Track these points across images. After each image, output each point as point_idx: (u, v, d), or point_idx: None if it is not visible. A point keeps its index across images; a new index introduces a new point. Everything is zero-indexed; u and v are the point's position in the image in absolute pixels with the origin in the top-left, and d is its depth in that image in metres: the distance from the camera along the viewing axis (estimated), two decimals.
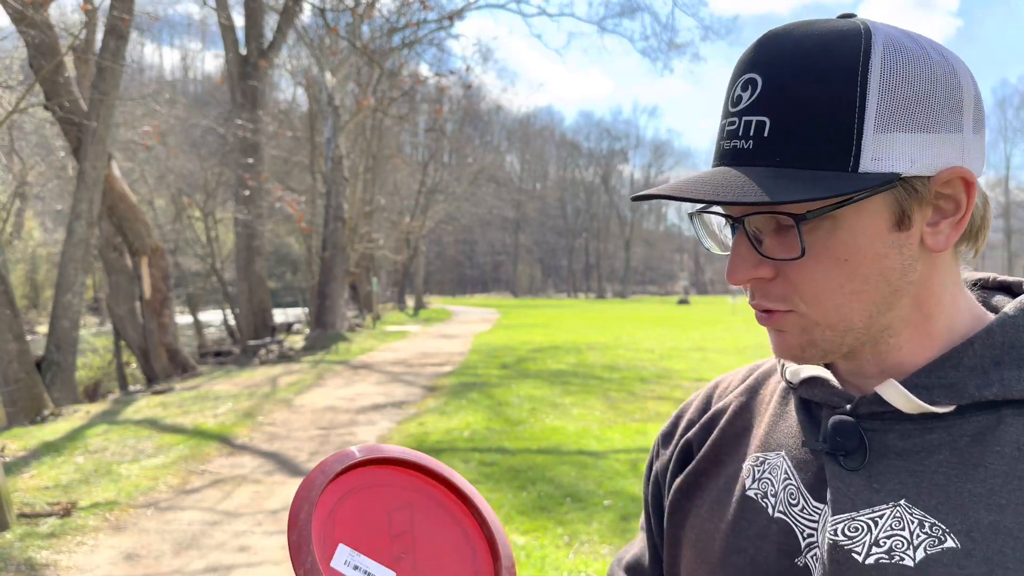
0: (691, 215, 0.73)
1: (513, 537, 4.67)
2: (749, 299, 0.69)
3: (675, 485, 0.83)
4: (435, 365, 13.83)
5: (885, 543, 0.63)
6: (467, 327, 25.32)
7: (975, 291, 0.75)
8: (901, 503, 0.64)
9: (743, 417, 0.82)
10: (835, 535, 0.65)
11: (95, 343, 21.84)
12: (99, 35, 12.30)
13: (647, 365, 13.34)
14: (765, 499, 0.73)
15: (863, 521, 0.65)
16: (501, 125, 70.32)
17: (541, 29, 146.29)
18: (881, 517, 0.64)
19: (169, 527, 5.14)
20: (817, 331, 0.67)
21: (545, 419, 8.34)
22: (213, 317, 31.10)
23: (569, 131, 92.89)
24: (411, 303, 39.78)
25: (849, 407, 0.69)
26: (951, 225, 0.65)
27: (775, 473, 0.74)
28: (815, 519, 0.68)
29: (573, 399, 9.69)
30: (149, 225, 14.59)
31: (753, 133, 0.64)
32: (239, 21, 20.42)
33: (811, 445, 0.71)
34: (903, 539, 0.63)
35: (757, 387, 0.84)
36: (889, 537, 0.63)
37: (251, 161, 18.95)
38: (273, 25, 19.95)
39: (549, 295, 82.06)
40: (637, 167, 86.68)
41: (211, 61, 71.39)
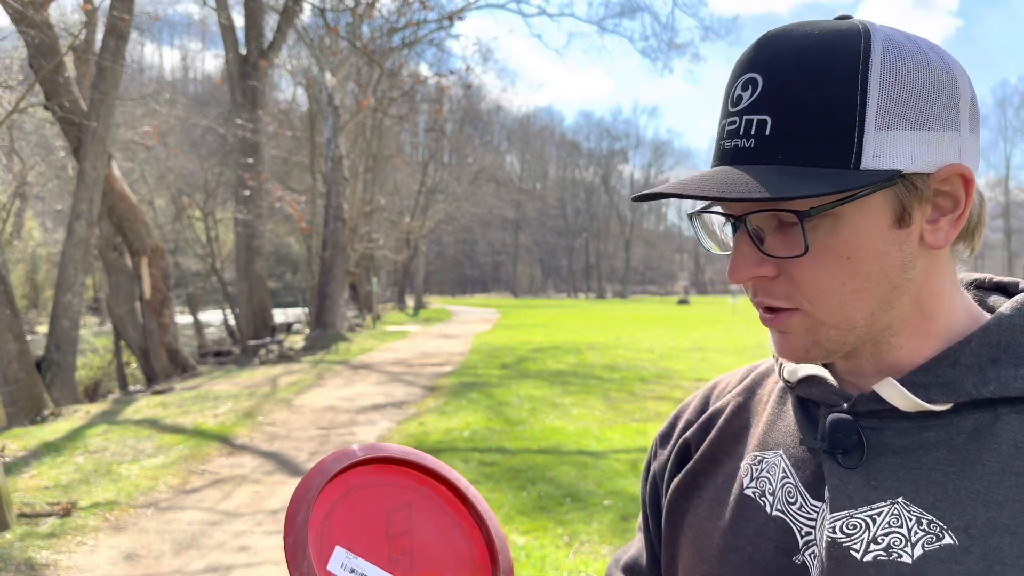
0: (691, 215, 0.73)
1: (513, 537, 4.67)
2: (752, 296, 0.69)
3: (673, 485, 0.83)
4: (435, 365, 13.83)
5: (883, 540, 0.63)
6: (467, 327, 25.32)
7: (971, 291, 0.75)
8: (899, 500, 0.64)
9: (741, 417, 0.82)
10: (833, 533, 0.65)
11: (95, 343, 21.85)
12: (99, 35, 12.31)
13: (647, 365, 13.34)
14: (763, 497, 0.73)
15: (861, 519, 0.65)
16: (501, 125, 70.30)
17: (541, 29, 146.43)
18: (879, 514, 0.65)
19: (169, 527, 5.14)
20: (821, 331, 0.67)
21: (545, 419, 8.34)
22: (213, 317, 31.10)
23: (569, 131, 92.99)
24: (411, 303, 39.79)
25: (847, 405, 0.69)
26: (950, 222, 0.66)
27: (773, 472, 0.74)
28: (813, 517, 0.68)
29: (573, 399, 9.69)
30: (149, 225, 14.59)
31: (755, 132, 0.64)
32: (239, 21, 20.44)
33: (809, 443, 0.71)
34: (901, 536, 0.63)
35: (755, 387, 0.84)
36: (887, 534, 0.63)
37: (251, 161, 18.95)
38: (273, 25, 19.96)
39: (549, 295, 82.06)
40: (637, 167, 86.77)
41: (211, 61, 71.45)
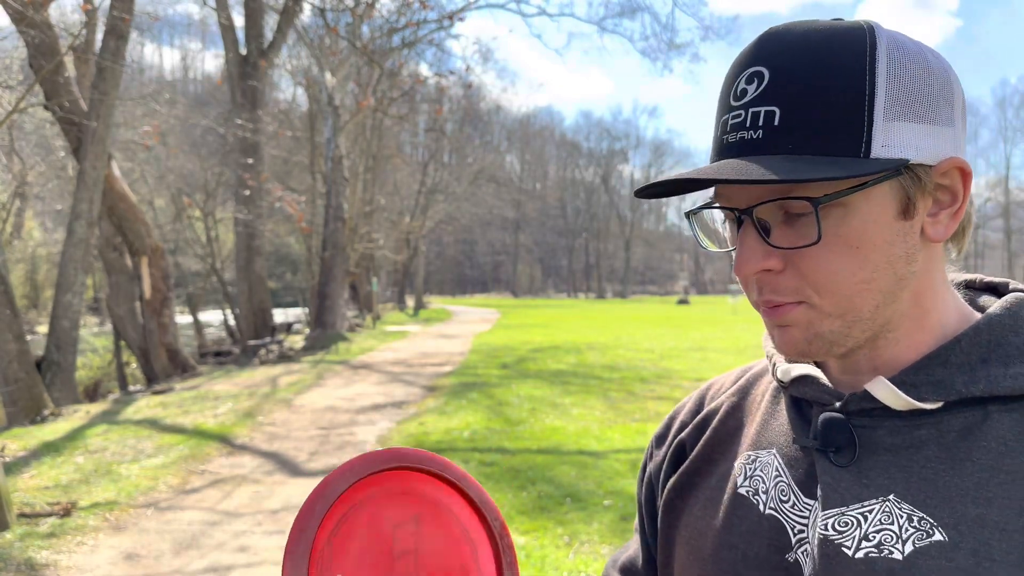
0: (688, 213, 0.73)
1: (513, 537, 4.67)
2: (756, 295, 0.69)
3: (669, 485, 0.84)
4: (435, 365, 13.83)
5: (874, 537, 0.64)
6: (467, 327, 25.32)
7: (963, 291, 0.76)
8: (890, 498, 0.65)
9: (735, 417, 0.83)
10: (825, 530, 0.66)
11: (95, 343, 21.85)
12: (99, 35, 12.31)
13: (647, 365, 13.34)
14: (756, 496, 0.74)
15: (853, 516, 0.65)
16: (501, 125, 70.32)
17: (541, 29, 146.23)
18: (871, 512, 0.65)
19: (169, 527, 5.14)
20: (826, 323, 0.67)
21: (545, 419, 8.34)
22: (213, 317, 31.10)
23: (569, 131, 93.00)
24: (411, 303, 39.79)
25: (839, 404, 0.70)
26: (949, 215, 0.67)
27: (766, 471, 0.74)
28: (806, 515, 0.69)
29: (573, 399, 9.69)
30: (149, 225, 14.59)
31: (763, 123, 0.64)
32: (239, 21, 20.44)
33: (801, 442, 0.72)
34: (892, 533, 0.64)
35: (749, 387, 0.85)
36: (878, 531, 0.64)
37: (251, 161, 18.94)
38: (273, 25, 19.95)
39: (549, 295, 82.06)
40: (637, 167, 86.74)
41: (211, 61, 71.50)
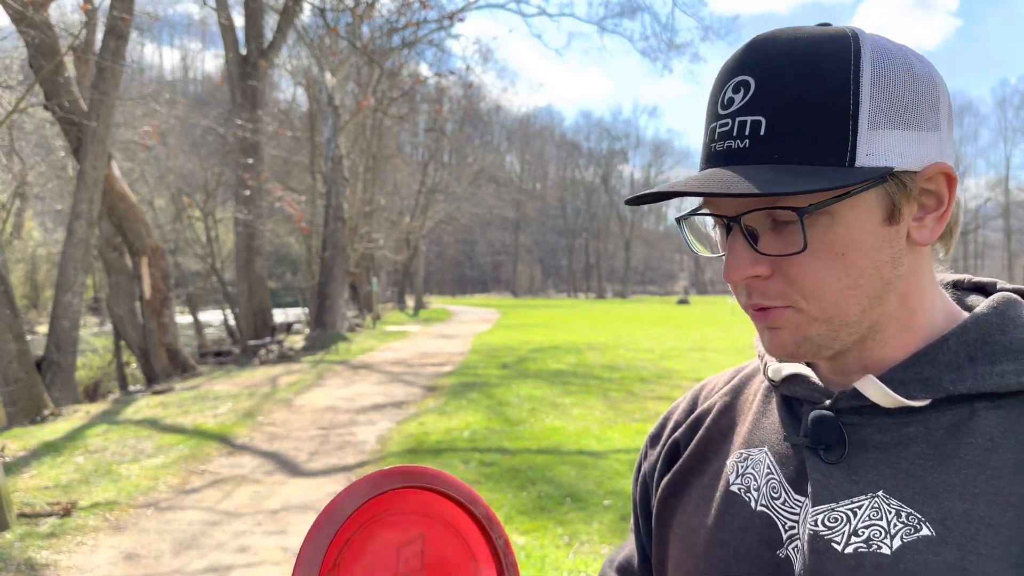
0: (679, 219, 0.74)
1: (513, 537, 4.67)
2: (745, 299, 0.70)
3: (663, 484, 0.85)
4: (435, 365, 13.83)
5: (863, 532, 0.65)
6: (467, 327, 25.32)
7: (951, 291, 0.77)
8: (879, 494, 0.66)
9: (728, 416, 0.84)
10: (815, 526, 0.67)
11: (95, 343, 21.85)
12: (99, 35, 12.30)
13: (647, 365, 13.34)
14: (748, 493, 0.75)
15: (842, 512, 0.66)
16: (501, 125, 70.31)
17: (541, 29, 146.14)
18: (860, 508, 0.66)
19: (169, 527, 5.14)
20: (813, 327, 0.68)
21: (545, 419, 8.34)
22: (213, 317, 31.09)
23: (569, 131, 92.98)
24: (411, 303, 39.78)
25: (829, 402, 0.71)
26: (935, 219, 0.68)
27: (758, 468, 0.75)
28: (796, 512, 0.70)
29: (573, 399, 9.69)
30: (149, 225, 14.58)
31: (749, 133, 0.65)
32: (239, 21, 20.43)
33: (792, 440, 0.73)
34: (881, 528, 0.64)
35: (741, 387, 0.86)
36: (867, 527, 0.65)
37: (251, 161, 18.94)
38: (273, 25, 19.95)
39: (549, 295, 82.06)
40: (637, 167, 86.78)
41: (211, 61, 71.50)
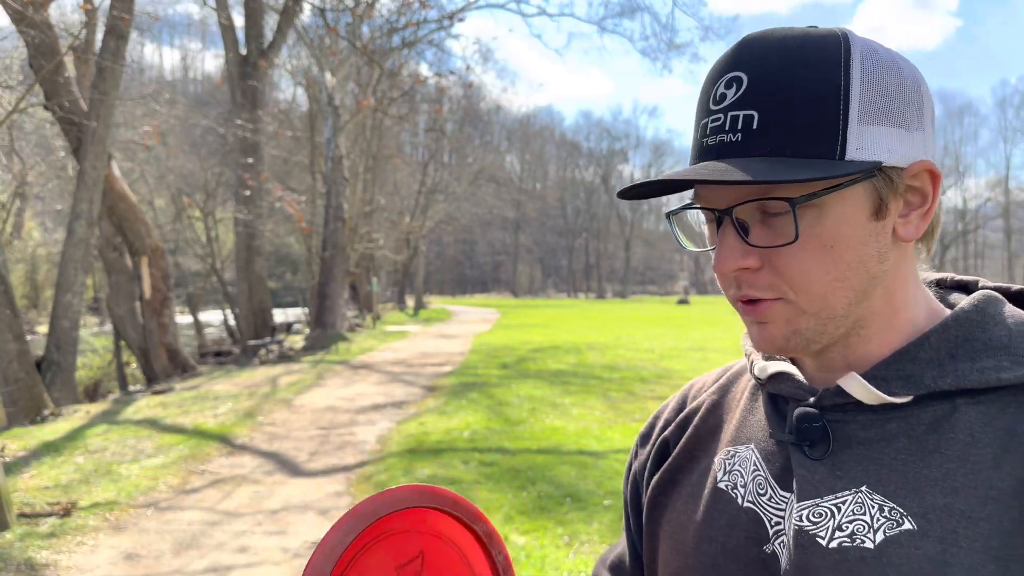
0: (669, 214, 0.76)
1: (513, 537, 4.67)
2: (735, 291, 0.71)
3: (653, 482, 0.86)
4: (435, 365, 13.83)
5: (847, 527, 0.66)
6: (467, 327, 25.32)
7: (934, 289, 0.79)
8: (862, 489, 0.67)
9: (715, 414, 0.85)
10: (800, 521, 0.68)
11: (95, 343, 21.85)
12: (99, 35, 12.30)
13: (647, 365, 13.34)
14: (735, 490, 0.76)
15: (827, 507, 0.68)
16: (501, 125, 70.28)
17: (541, 29, 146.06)
18: (844, 503, 0.67)
19: (169, 527, 5.14)
20: (802, 320, 0.69)
21: (545, 419, 8.34)
22: (213, 317, 31.10)
23: (569, 131, 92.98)
24: (411, 303, 39.78)
25: (813, 400, 0.72)
26: (919, 216, 0.70)
27: (745, 465, 0.77)
28: (782, 507, 0.71)
29: (573, 399, 9.68)
30: (149, 225, 14.58)
31: (741, 127, 0.66)
32: (239, 21, 20.43)
33: (777, 437, 0.74)
34: (864, 523, 0.66)
35: (729, 385, 0.87)
36: (851, 521, 0.66)
37: (251, 161, 18.94)
38: (273, 25, 19.94)
39: (549, 295, 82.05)
40: (637, 167, 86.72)
41: (211, 61, 71.50)
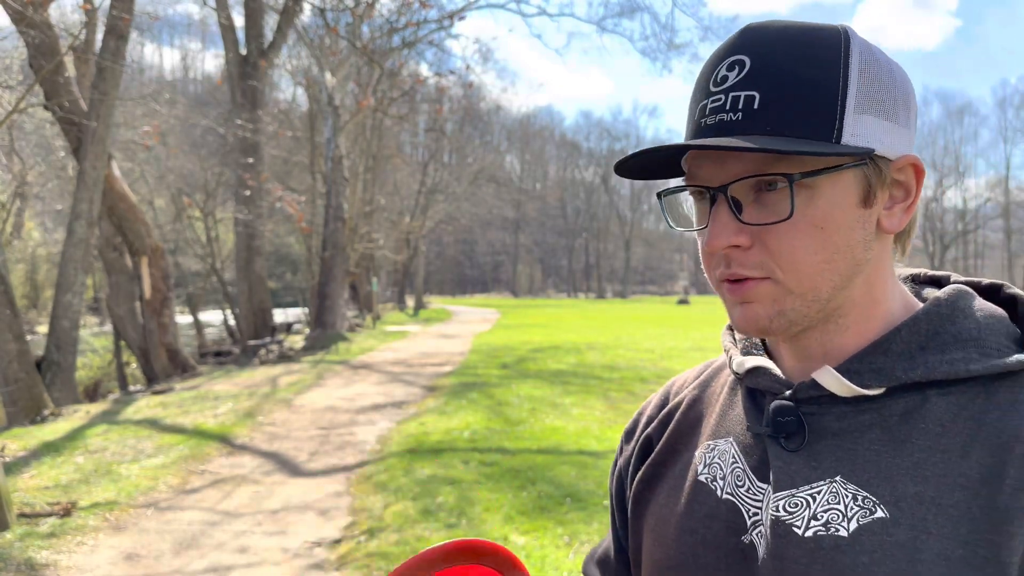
0: (661, 194, 0.77)
1: (513, 537, 4.67)
2: (722, 269, 0.72)
3: (637, 478, 0.88)
4: (435, 365, 13.83)
5: (823, 516, 0.68)
6: (467, 327, 25.32)
7: (908, 284, 0.81)
8: (837, 479, 0.69)
9: (696, 409, 0.87)
10: (777, 511, 0.70)
11: (95, 343, 21.85)
12: (99, 35, 12.30)
13: (647, 365, 13.33)
14: (714, 482, 0.78)
15: (803, 497, 0.70)
16: (501, 125, 70.21)
17: (541, 29, 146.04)
18: (819, 493, 0.69)
19: (169, 527, 5.14)
20: (788, 300, 0.70)
21: (545, 419, 8.33)
22: (213, 317, 31.09)
23: (569, 131, 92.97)
24: (411, 303, 39.78)
25: (789, 393, 0.74)
26: (903, 209, 0.72)
27: (724, 458, 0.79)
28: (760, 499, 0.73)
29: (573, 399, 9.68)
30: (149, 225, 14.58)
31: (742, 106, 0.68)
32: (239, 21, 20.43)
33: (754, 429, 0.76)
34: (838, 512, 0.68)
35: (709, 380, 0.89)
36: (826, 511, 0.68)
37: (251, 161, 18.94)
38: (273, 25, 19.94)
39: (549, 295, 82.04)
40: None
41: (211, 61, 71.45)
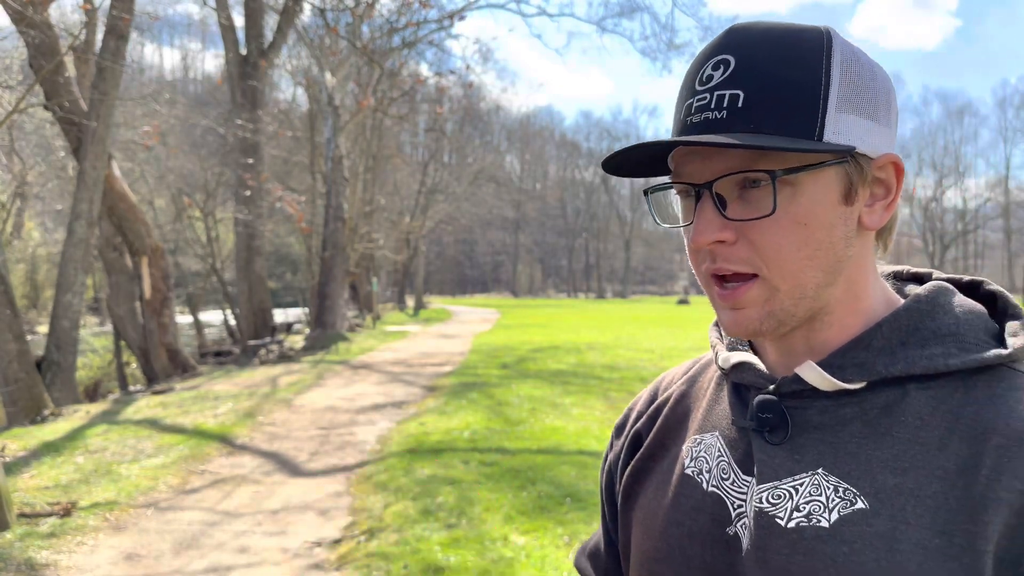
0: (647, 191, 0.79)
1: (513, 537, 4.67)
2: (708, 264, 0.73)
3: (626, 472, 0.90)
4: (435, 365, 13.83)
5: (805, 508, 0.70)
6: (467, 327, 25.32)
7: (891, 281, 0.83)
8: (819, 471, 0.71)
9: (683, 404, 0.89)
10: (760, 503, 0.72)
11: (95, 343, 21.84)
12: (99, 35, 12.30)
13: (647, 365, 13.33)
14: (700, 475, 0.80)
15: (785, 489, 0.71)
16: (501, 125, 70.28)
17: (541, 29, 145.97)
18: (801, 485, 0.71)
19: (169, 527, 5.14)
20: (776, 299, 0.72)
21: (545, 419, 8.33)
22: (213, 317, 31.08)
23: (569, 131, 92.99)
24: (411, 303, 39.77)
25: (772, 387, 0.76)
26: (883, 207, 0.73)
27: (710, 452, 0.81)
28: (744, 491, 0.75)
29: (573, 399, 9.68)
30: (149, 225, 14.58)
31: (727, 104, 0.69)
32: (239, 21, 20.42)
33: (739, 423, 0.78)
34: (820, 503, 0.69)
35: (697, 376, 0.91)
36: (808, 502, 0.70)
37: (251, 161, 18.93)
38: (273, 25, 19.94)
39: (549, 295, 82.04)
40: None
41: (211, 61, 71.49)
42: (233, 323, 25.51)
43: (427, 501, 5.38)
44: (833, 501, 0.69)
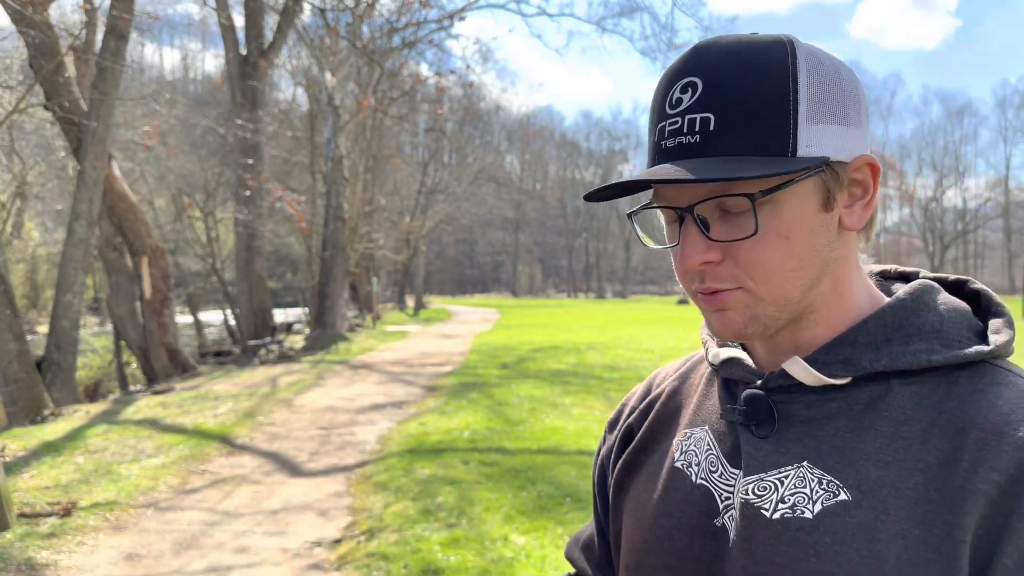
0: (630, 214, 0.80)
1: (513, 537, 4.67)
2: (698, 284, 0.75)
3: (618, 465, 0.92)
4: (435, 365, 13.83)
5: (789, 499, 0.72)
6: (467, 327, 25.32)
7: (878, 280, 0.84)
8: (804, 464, 0.73)
9: (675, 399, 0.91)
10: (746, 495, 0.74)
11: (95, 343, 21.84)
12: (99, 35, 12.30)
13: (647, 365, 13.33)
14: (689, 468, 0.82)
15: (771, 481, 0.73)
16: (501, 125, 70.20)
17: (541, 29, 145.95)
18: (786, 477, 0.73)
19: (169, 527, 5.14)
20: (760, 307, 0.74)
21: (545, 419, 8.33)
22: (213, 317, 31.08)
23: (569, 131, 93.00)
24: (411, 303, 39.77)
25: (760, 382, 0.77)
26: (862, 207, 0.75)
27: (699, 445, 0.83)
28: (731, 483, 0.77)
29: (573, 399, 9.68)
30: (149, 225, 14.58)
31: (699, 129, 0.70)
32: (239, 21, 20.42)
33: (727, 417, 0.80)
34: (804, 495, 0.71)
35: (689, 372, 0.93)
36: (793, 494, 0.72)
37: (251, 161, 18.93)
38: (273, 25, 19.93)
39: (549, 295, 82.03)
40: (637, 167, 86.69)
41: (211, 61, 71.48)
42: (233, 323, 25.51)
43: (427, 501, 5.38)
44: (817, 493, 0.70)
